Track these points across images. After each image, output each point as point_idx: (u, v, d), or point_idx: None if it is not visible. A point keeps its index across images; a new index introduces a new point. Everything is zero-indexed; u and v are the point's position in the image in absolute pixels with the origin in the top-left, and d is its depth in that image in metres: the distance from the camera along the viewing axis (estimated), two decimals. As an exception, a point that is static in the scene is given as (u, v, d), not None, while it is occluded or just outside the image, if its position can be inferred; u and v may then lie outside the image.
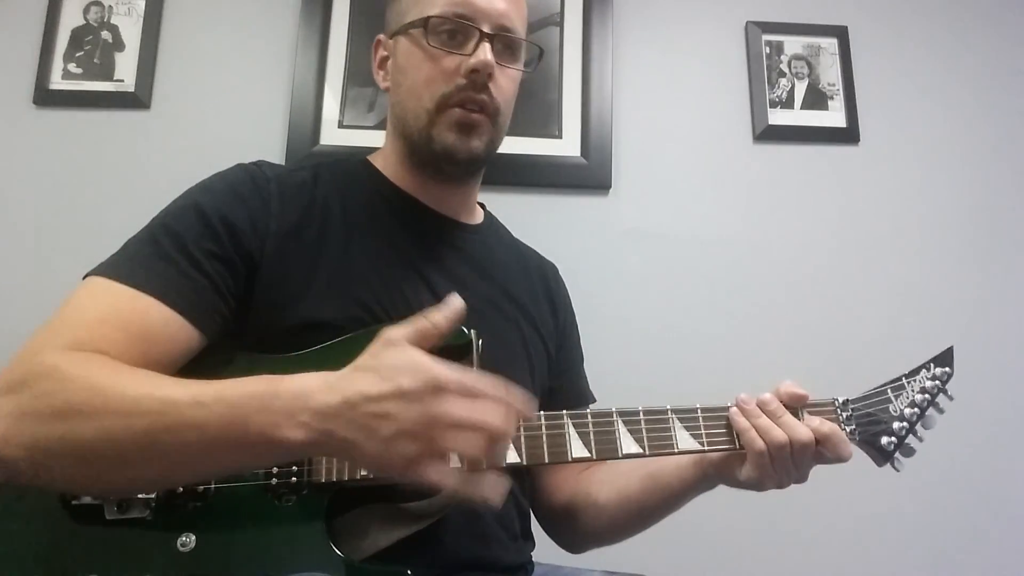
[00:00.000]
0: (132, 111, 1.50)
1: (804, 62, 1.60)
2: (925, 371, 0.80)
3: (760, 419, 0.74)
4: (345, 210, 0.83)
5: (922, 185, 1.56)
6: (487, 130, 0.84)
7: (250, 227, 0.75)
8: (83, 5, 1.53)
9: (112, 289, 0.68)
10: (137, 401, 0.57)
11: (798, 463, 0.74)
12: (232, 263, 0.73)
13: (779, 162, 1.56)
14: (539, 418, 0.72)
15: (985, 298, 1.51)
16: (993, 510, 1.42)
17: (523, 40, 0.87)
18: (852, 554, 1.40)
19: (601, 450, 0.72)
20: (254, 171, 0.81)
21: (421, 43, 0.82)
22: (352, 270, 0.79)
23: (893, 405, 0.78)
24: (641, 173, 1.54)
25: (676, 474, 0.82)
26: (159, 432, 0.56)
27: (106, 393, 0.58)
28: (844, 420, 0.77)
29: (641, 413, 0.74)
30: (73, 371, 0.59)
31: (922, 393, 0.79)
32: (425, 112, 0.82)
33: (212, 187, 0.78)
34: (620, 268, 1.49)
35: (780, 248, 1.52)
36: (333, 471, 0.67)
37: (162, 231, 0.73)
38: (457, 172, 0.87)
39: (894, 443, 0.77)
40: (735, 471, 0.77)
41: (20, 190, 1.46)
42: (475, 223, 0.95)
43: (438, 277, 0.83)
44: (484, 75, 0.80)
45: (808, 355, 1.45)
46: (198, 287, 0.70)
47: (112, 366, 0.61)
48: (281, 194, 0.80)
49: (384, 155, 0.92)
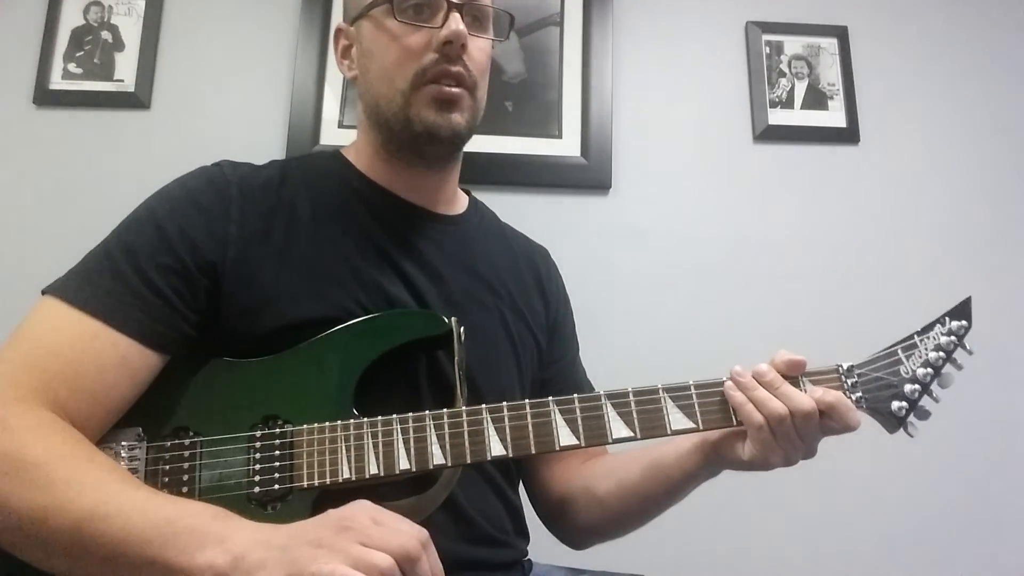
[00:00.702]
0: (132, 111, 1.50)
1: (804, 62, 1.59)
2: (940, 326, 0.74)
3: (757, 391, 0.70)
4: (315, 206, 0.81)
5: (922, 185, 1.56)
6: (467, 104, 0.81)
7: (208, 237, 0.74)
8: (83, 5, 1.53)
9: (66, 316, 0.68)
10: (77, 490, 0.58)
11: (803, 435, 0.70)
12: (190, 277, 0.72)
13: (779, 162, 1.55)
14: (524, 407, 0.70)
15: (985, 298, 1.50)
16: (994, 510, 1.42)
17: (491, 7, 0.84)
18: (853, 554, 1.40)
19: (590, 436, 0.70)
20: (214, 174, 0.79)
21: (386, 23, 0.79)
22: (325, 267, 0.77)
23: (904, 366, 0.73)
24: (641, 173, 1.54)
25: (677, 462, 0.79)
26: (86, 526, 0.57)
27: (53, 473, 0.59)
28: (849, 388, 0.72)
29: (631, 394, 0.71)
30: (31, 443, 0.60)
31: (936, 351, 0.72)
32: (399, 93, 0.79)
33: (171, 196, 0.77)
34: (620, 268, 1.49)
35: (780, 248, 1.51)
36: (315, 475, 0.67)
37: (117, 246, 0.72)
38: (439, 152, 0.84)
39: (905, 408, 0.71)
40: (737, 451, 0.73)
41: (20, 190, 1.46)
42: (454, 213, 0.91)
43: (414, 270, 0.81)
44: (457, 46, 0.77)
45: (808, 354, 1.44)
46: (150, 307, 0.69)
47: (70, 445, 0.62)
48: (243, 197, 0.78)
49: (356, 147, 0.89)
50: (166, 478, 0.67)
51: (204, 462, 0.68)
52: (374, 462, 0.68)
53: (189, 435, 0.69)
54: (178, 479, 0.67)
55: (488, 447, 0.69)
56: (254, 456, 0.68)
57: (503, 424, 0.70)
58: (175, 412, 0.70)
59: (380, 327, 0.75)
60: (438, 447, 0.68)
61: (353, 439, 0.68)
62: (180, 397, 0.71)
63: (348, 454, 0.68)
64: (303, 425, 0.69)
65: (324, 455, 0.68)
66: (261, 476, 0.67)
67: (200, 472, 0.68)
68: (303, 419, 0.69)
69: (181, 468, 0.68)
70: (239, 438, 0.69)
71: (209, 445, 0.68)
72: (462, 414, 0.70)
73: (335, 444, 0.68)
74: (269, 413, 0.70)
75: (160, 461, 0.68)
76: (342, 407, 0.70)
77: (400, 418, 0.69)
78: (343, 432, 0.68)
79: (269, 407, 0.70)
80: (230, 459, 0.68)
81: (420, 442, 0.68)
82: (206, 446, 0.68)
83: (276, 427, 0.70)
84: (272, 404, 0.70)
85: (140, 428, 0.69)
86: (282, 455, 0.68)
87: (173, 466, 0.68)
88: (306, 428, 0.69)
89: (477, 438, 0.69)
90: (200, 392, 0.71)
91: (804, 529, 1.40)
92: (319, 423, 0.69)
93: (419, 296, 0.80)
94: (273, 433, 0.69)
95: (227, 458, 0.68)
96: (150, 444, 0.68)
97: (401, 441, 0.68)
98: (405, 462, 0.68)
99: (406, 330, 0.75)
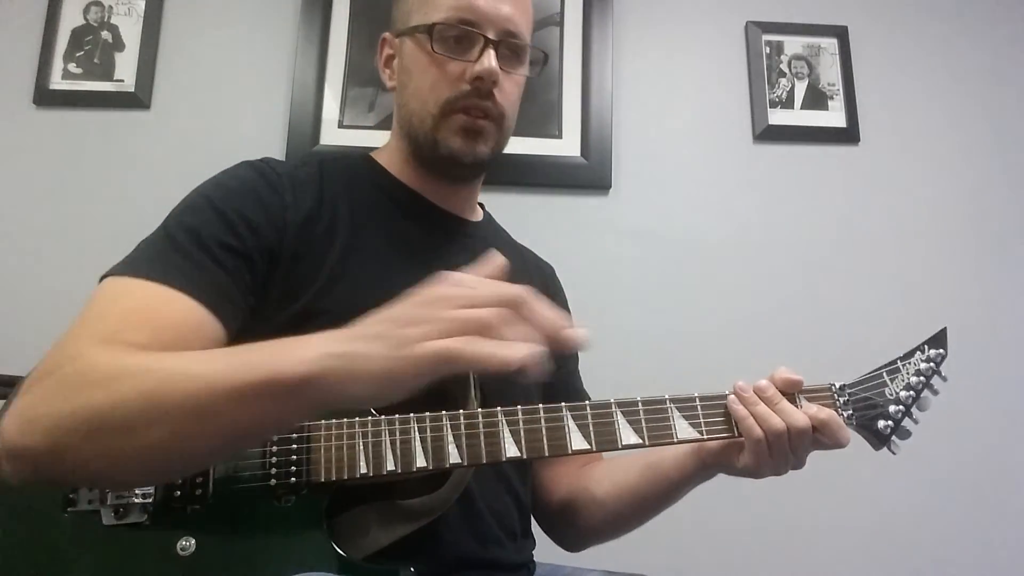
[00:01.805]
0: (132, 111, 1.50)
1: (804, 62, 1.60)
2: (920, 353, 0.80)
3: (758, 407, 0.73)
4: (352, 205, 0.83)
5: (922, 185, 1.56)
6: (492, 135, 0.84)
7: (267, 222, 0.75)
8: (83, 5, 1.53)
9: (132, 286, 0.67)
10: (147, 366, 0.57)
11: (795, 449, 0.73)
12: (250, 258, 0.73)
13: (779, 162, 1.56)
14: (538, 411, 0.72)
15: (984, 297, 1.51)
16: (992, 510, 1.43)
17: (528, 45, 0.87)
18: (853, 553, 1.40)
19: (601, 441, 0.72)
20: (262, 166, 0.81)
21: (426, 48, 0.82)
22: (361, 263, 0.79)
23: (889, 388, 0.78)
24: (641, 173, 1.54)
25: (674, 464, 0.82)
26: (164, 385, 0.55)
27: (124, 366, 0.57)
28: (841, 405, 0.77)
29: (640, 404, 0.74)
30: (99, 357, 0.58)
31: (917, 375, 0.79)
32: (430, 116, 0.82)
33: (223, 183, 0.77)
34: (620, 268, 1.49)
35: (780, 248, 1.52)
36: (332, 470, 0.67)
37: (177, 227, 0.72)
38: (463, 175, 0.88)
39: (890, 427, 0.77)
40: (733, 459, 0.76)
41: (20, 190, 1.46)
42: (477, 220, 0.96)
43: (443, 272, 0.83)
44: (489, 83, 0.80)
45: (808, 354, 1.45)
46: (217, 280, 0.69)
47: (140, 352, 0.60)
48: (293, 187, 0.79)
49: (389, 151, 0.92)
50: None
51: None
52: (391, 459, 0.67)
53: None
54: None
55: (503, 448, 0.69)
56: (271, 448, 0.68)
57: (517, 427, 0.70)
58: None
59: None
60: (454, 446, 0.69)
61: (371, 435, 0.68)
62: None
63: (366, 450, 0.68)
64: (321, 420, 0.69)
65: (342, 451, 0.68)
66: (277, 469, 0.67)
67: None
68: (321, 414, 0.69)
69: None
70: None
71: None
72: (478, 415, 0.70)
73: (352, 440, 0.68)
74: None
75: None
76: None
77: (417, 417, 0.69)
78: (360, 428, 0.68)
79: None
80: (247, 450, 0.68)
81: (437, 441, 0.69)
82: None
83: None
84: None
85: None
86: (299, 448, 0.68)
87: None
88: (323, 423, 0.68)
89: (492, 439, 0.70)
90: None
91: (804, 529, 1.40)
92: (336, 419, 0.69)
93: None
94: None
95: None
96: None
97: (418, 439, 0.68)
98: (422, 460, 0.68)
99: None
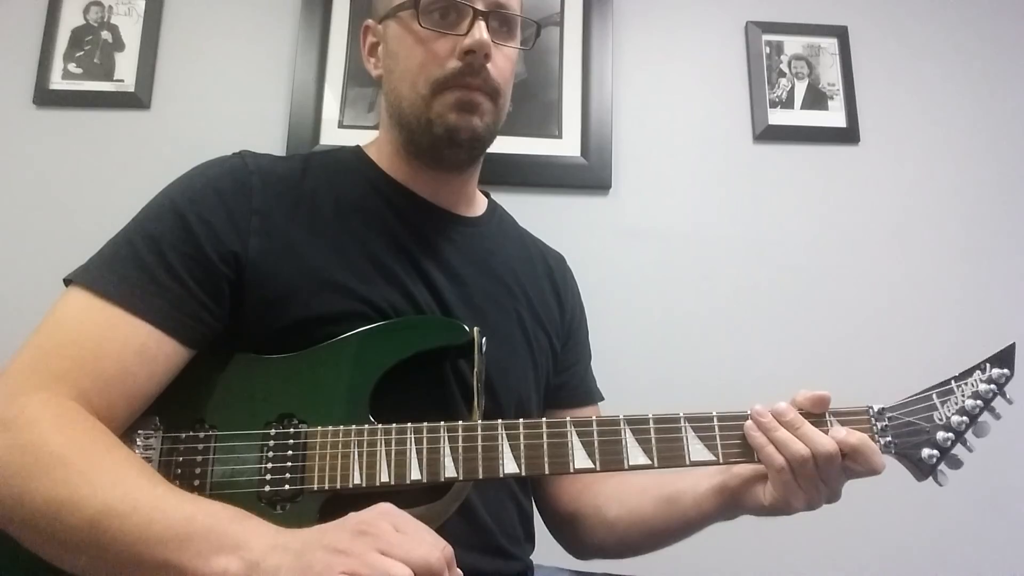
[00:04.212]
0: (132, 111, 1.50)
1: (804, 62, 1.60)
2: (979, 372, 0.71)
3: (778, 432, 0.68)
4: (337, 201, 0.80)
5: (922, 185, 1.56)
6: (488, 110, 0.80)
7: (231, 227, 0.72)
8: (83, 5, 1.53)
9: (87, 305, 0.67)
10: (94, 485, 0.57)
11: (826, 478, 0.67)
12: (212, 267, 0.71)
13: (779, 162, 1.56)
14: (541, 426, 0.69)
15: (985, 297, 1.51)
16: (993, 509, 1.42)
17: (519, 16, 0.83)
18: (853, 553, 1.40)
19: (606, 461, 0.68)
20: (235, 163, 0.78)
21: (412, 26, 0.78)
22: (347, 262, 0.76)
23: (938, 412, 0.70)
24: (641, 173, 1.54)
25: (694, 502, 0.77)
26: (66, 508, 0.56)
27: (50, 452, 0.58)
28: (879, 431, 0.70)
29: (651, 421, 0.70)
30: (51, 434, 0.59)
31: (975, 398, 0.69)
32: (420, 98, 0.78)
33: (191, 185, 0.75)
34: (620, 268, 1.49)
35: (780, 248, 1.52)
36: (326, 479, 0.67)
37: (139, 234, 0.71)
38: (459, 156, 0.83)
39: (936, 456, 0.69)
40: (758, 496, 0.71)
41: (20, 190, 1.46)
42: (474, 215, 0.91)
43: (435, 270, 0.81)
44: (480, 56, 0.76)
45: (807, 354, 1.45)
46: (172, 296, 0.68)
47: (91, 436, 0.61)
48: (264, 186, 0.76)
49: (379, 145, 0.88)
50: (179, 470, 0.67)
51: (217, 456, 0.67)
52: (385, 470, 0.67)
53: (205, 428, 0.69)
54: (190, 472, 0.67)
55: (501, 464, 0.68)
56: (267, 454, 0.68)
57: (518, 442, 0.68)
58: (194, 404, 0.70)
59: (402, 333, 0.74)
60: (451, 460, 0.68)
61: (367, 445, 0.68)
62: (199, 389, 0.70)
63: (360, 460, 0.67)
64: (318, 426, 0.68)
65: (336, 459, 0.67)
66: (272, 475, 0.67)
67: (212, 467, 0.67)
68: (318, 420, 0.69)
69: (194, 461, 0.67)
70: (253, 435, 0.68)
71: (223, 440, 0.68)
72: (477, 428, 0.69)
73: (348, 449, 0.68)
74: (285, 411, 0.70)
75: (174, 452, 0.67)
76: (358, 411, 0.70)
77: (415, 427, 0.68)
78: (356, 437, 0.68)
79: (286, 405, 0.70)
80: (243, 455, 0.68)
81: (433, 454, 0.68)
82: (220, 440, 0.68)
83: (291, 426, 0.69)
84: (289, 402, 0.70)
85: (157, 417, 0.68)
86: (295, 455, 0.68)
87: (186, 458, 0.67)
88: (320, 430, 0.68)
89: (491, 454, 0.68)
90: (219, 385, 0.71)
91: (805, 529, 1.40)
92: (334, 425, 0.68)
93: (439, 296, 0.79)
94: (287, 432, 0.69)
95: (240, 454, 0.68)
96: (165, 435, 0.68)
97: (414, 451, 0.68)
98: (417, 472, 0.67)
99: (428, 337, 0.75)
